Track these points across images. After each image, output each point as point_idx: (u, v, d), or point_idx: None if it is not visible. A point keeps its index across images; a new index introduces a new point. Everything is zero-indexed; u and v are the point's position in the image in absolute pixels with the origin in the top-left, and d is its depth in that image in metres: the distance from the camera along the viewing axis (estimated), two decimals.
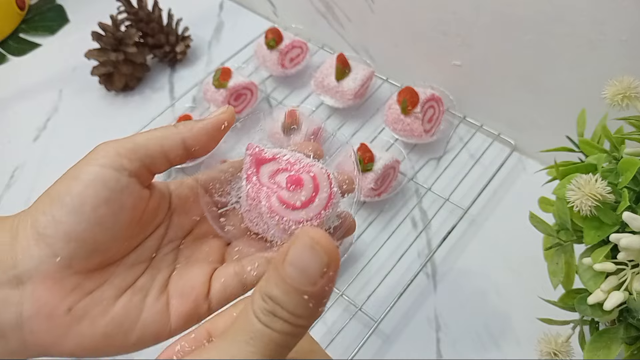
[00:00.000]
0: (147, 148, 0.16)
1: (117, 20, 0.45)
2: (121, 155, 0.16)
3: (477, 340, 0.31)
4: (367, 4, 0.41)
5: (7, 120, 0.47)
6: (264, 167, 0.18)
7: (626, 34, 0.28)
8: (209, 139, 0.17)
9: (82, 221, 0.15)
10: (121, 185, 0.16)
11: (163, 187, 0.18)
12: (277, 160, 0.18)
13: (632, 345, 0.21)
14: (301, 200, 0.17)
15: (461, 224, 0.36)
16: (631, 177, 0.20)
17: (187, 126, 0.17)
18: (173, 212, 0.18)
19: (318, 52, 0.48)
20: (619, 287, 0.19)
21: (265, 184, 0.18)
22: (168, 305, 0.17)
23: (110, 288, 0.16)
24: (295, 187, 0.17)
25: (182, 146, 0.17)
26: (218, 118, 0.17)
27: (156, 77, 0.49)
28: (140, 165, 0.16)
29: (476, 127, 0.41)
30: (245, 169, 0.18)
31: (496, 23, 0.34)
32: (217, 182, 0.19)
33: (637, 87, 0.22)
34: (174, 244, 0.18)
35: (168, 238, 0.18)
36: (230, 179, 0.19)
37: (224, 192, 0.19)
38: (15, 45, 0.54)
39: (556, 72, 0.33)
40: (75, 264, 0.15)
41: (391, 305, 0.31)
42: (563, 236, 0.23)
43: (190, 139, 0.17)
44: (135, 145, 0.16)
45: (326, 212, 0.17)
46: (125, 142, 0.16)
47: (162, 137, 0.17)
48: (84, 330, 0.15)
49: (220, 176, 0.19)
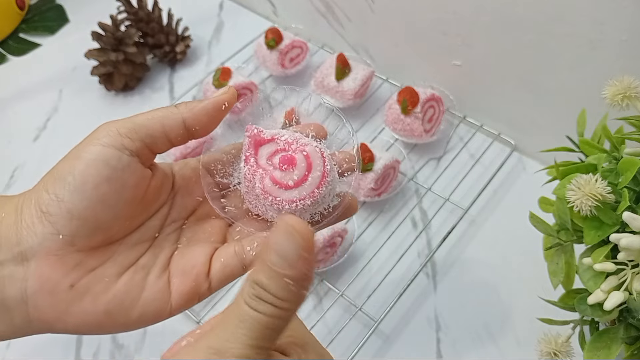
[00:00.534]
0: (148, 128, 0.17)
1: (117, 20, 0.45)
2: (122, 135, 0.16)
3: (477, 340, 0.31)
4: (367, 3, 0.41)
5: (7, 120, 0.47)
6: (263, 148, 0.18)
7: (626, 34, 0.28)
8: (210, 119, 0.17)
9: (84, 199, 0.15)
10: (123, 163, 0.16)
11: (166, 167, 0.19)
12: (275, 141, 0.18)
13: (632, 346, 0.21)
14: (294, 179, 0.17)
15: (461, 224, 0.36)
16: (631, 177, 0.20)
17: (188, 106, 0.17)
18: (176, 192, 0.19)
19: (318, 52, 0.48)
20: (619, 287, 0.19)
21: (262, 165, 0.18)
22: (169, 283, 0.17)
23: (113, 266, 0.16)
24: (287, 166, 0.17)
25: (183, 126, 0.17)
26: (219, 98, 0.17)
27: (156, 77, 0.49)
28: (142, 145, 0.16)
29: (476, 127, 0.41)
30: (244, 150, 0.18)
31: (496, 23, 0.34)
32: (220, 163, 0.19)
33: (637, 87, 0.22)
34: (177, 224, 0.18)
35: (171, 218, 0.18)
36: (232, 161, 0.19)
37: (226, 174, 0.19)
38: (15, 45, 0.54)
39: (556, 72, 0.33)
40: (78, 242, 0.16)
41: (391, 305, 0.31)
42: (563, 236, 0.23)
43: (191, 119, 0.17)
44: (136, 125, 0.16)
45: (319, 190, 0.17)
46: (126, 122, 0.16)
47: (162, 117, 0.17)
48: (86, 306, 0.16)
49: (222, 157, 0.19)
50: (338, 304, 0.33)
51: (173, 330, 0.32)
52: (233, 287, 0.35)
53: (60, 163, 0.16)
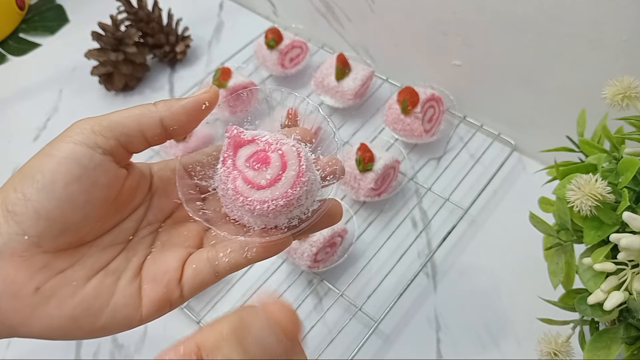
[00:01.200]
0: (124, 126, 0.16)
1: (117, 20, 0.45)
2: (96, 133, 0.15)
3: (477, 340, 0.31)
4: (367, 3, 0.41)
5: (7, 120, 0.47)
6: (243, 149, 0.17)
7: (626, 34, 0.28)
8: (188, 119, 0.17)
9: (52, 199, 0.15)
10: (94, 162, 0.15)
11: (145, 167, 0.18)
12: (255, 142, 0.17)
13: (632, 345, 0.21)
14: (266, 178, 0.16)
15: (461, 224, 0.36)
16: (631, 177, 0.20)
17: (167, 105, 0.16)
18: (154, 193, 0.18)
19: (318, 52, 0.48)
20: (619, 287, 0.19)
21: (239, 167, 0.17)
22: (140, 289, 0.16)
23: (82, 269, 0.16)
24: (261, 165, 0.16)
25: (160, 125, 0.16)
26: (199, 97, 0.17)
27: (156, 77, 0.49)
28: (116, 144, 0.16)
29: (476, 127, 0.41)
30: (223, 151, 0.17)
31: (496, 23, 0.34)
32: (199, 165, 0.18)
33: (637, 87, 0.22)
34: (153, 226, 0.18)
35: (147, 220, 0.18)
36: (213, 163, 0.18)
37: (206, 176, 0.18)
38: (15, 45, 0.54)
39: (556, 72, 0.33)
40: (45, 243, 0.15)
41: (391, 306, 0.31)
42: (563, 236, 0.23)
43: (169, 118, 0.16)
44: (111, 123, 0.16)
45: (294, 190, 0.16)
46: (101, 120, 0.16)
47: (139, 115, 0.16)
48: (52, 310, 0.15)
49: (202, 159, 0.18)
50: (338, 304, 0.33)
51: (173, 330, 0.32)
52: (233, 287, 0.35)
53: (31, 160, 0.15)
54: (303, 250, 0.32)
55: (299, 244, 0.32)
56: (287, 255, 0.34)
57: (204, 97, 0.17)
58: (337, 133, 0.19)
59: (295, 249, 0.33)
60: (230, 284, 0.34)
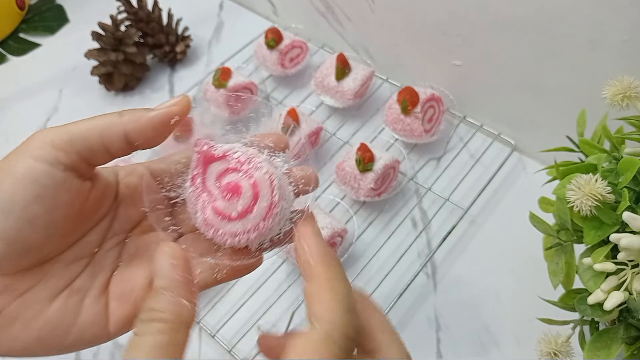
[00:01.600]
0: (86, 140, 0.15)
1: (117, 20, 0.45)
2: (57, 148, 0.14)
3: (477, 340, 0.31)
4: (367, 3, 0.41)
5: (7, 120, 0.47)
6: (213, 165, 0.16)
7: (626, 33, 0.28)
8: (155, 134, 0.15)
9: (11, 220, 0.14)
10: (55, 181, 0.14)
11: (110, 175, 0.17)
12: (226, 159, 0.16)
13: (632, 345, 0.21)
14: (237, 210, 0.15)
15: (461, 224, 0.36)
16: (631, 177, 0.20)
17: (134, 117, 0.15)
18: (120, 202, 0.17)
19: (318, 52, 0.48)
20: (619, 287, 0.19)
21: (208, 187, 0.16)
22: (107, 307, 0.16)
23: (45, 289, 0.15)
24: (232, 195, 0.15)
25: (124, 139, 0.15)
26: (168, 111, 0.15)
27: (156, 77, 0.49)
28: (78, 158, 0.15)
29: (476, 127, 0.41)
30: (192, 168, 0.16)
31: (496, 23, 0.34)
32: (167, 175, 0.17)
33: (637, 87, 0.22)
34: (119, 237, 0.17)
35: (113, 231, 0.17)
36: (182, 171, 0.17)
37: (174, 186, 0.17)
38: (15, 45, 0.54)
39: (556, 72, 0.33)
40: (4, 265, 0.14)
41: (391, 305, 0.31)
42: (563, 236, 0.23)
43: (134, 132, 0.15)
44: (73, 137, 0.15)
45: (266, 222, 0.15)
46: (62, 133, 0.15)
47: (103, 128, 0.15)
48: (16, 333, 0.15)
49: (170, 169, 0.17)
50: None
51: None
52: (233, 287, 0.35)
53: None
54: None
55: None
56: (287, 255, 0.34)
57: (174, 111, 0.16)
58: (306, 141, 0.18)
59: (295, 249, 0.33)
60: (230, 284, 0.34)
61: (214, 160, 0.16)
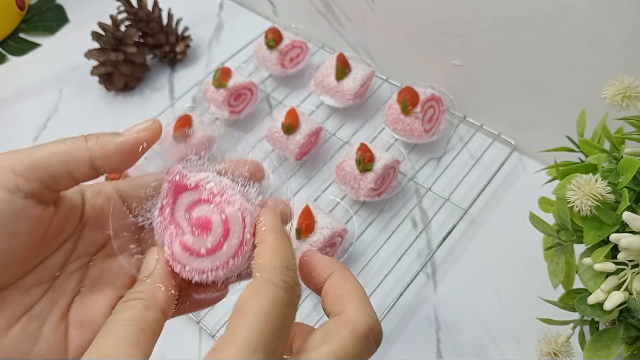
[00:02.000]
0: (49, 166, 0.14)
1: (116, 20, 0.45)
2: (17, 174, 0.14)
3: (477, 340, 0.31)
4: (367, 3, 0.41)
5: (7, 120, 0.47)
6: (183, 195, 0.15)
7: (626, 33, 0.28)
8: (122, 160, 0.15)
9: None
10: (14, 208, 0.14)
11: (76, 196, 0.16)
12: (199, 189, 0.15)
13: (632, 345, 0.21)
14: (206, 246, 0.15)
15: (461, 224, 0.36)
16: (631, 177, 0.20)
17: (100, 143, 0.15)
18: (85, 224, 0.16)
19: (318, 52, 0.48)
20: (619, 287, 0.19)
21: (177, 219, 0.15)
22: (67, 334, 0.15)
23: (2, 316, 0.15)
24: (201, 231, 0.15)
25: (90, 166, 0.15)
26: (137, 137, 0.15)
27: (156, 77, 0.49)
28: (40, 186, 0.14)
29: (476, 127, 0.41)
30: (162, 197, 0.16)
31: (496, 23, 0.34)
32: (136, 200, 0.17)
33: (637, 87, 0.22)
34: (83, 260, 0.16)
35: (76, 254, 0.16)
36: (152, 195, 0.17)
37: (143, 210, 0.17)
38: (15, 45, 0.54)
39: (556, 72, 0.33)
40: None
41: (391, 305, 0.31)
42: (563, 236, 0.23)
43: (100, 159, 0.15)
44: (35, 163, 0.14)
45: (235, 260, 0.15)
46: (24, 158, 0.14)
47: (67, 154, 0.15)
48: None
49: (140, 192, 0.17)
50: None
51: (174, 330, 0.32)
52: None
53: None
54: (303, 250, 0.32)
55: (299, 244, 0.32)
56: None
57: (142, 137, 0.15)
58: (282, 173, 0.17)
59: (295, 249, 0.33)
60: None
61: (186, 190, 0.16)
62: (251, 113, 0.43)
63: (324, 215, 0.34)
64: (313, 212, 0.33)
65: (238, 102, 0.43)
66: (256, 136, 0.42)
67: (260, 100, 0.44)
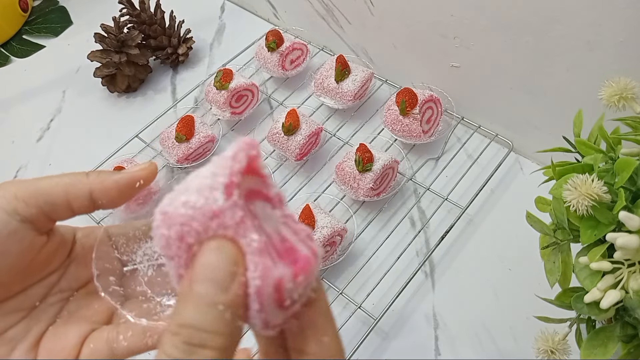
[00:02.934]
0: (49, 195, 0.15)
1: (119, 22, 0.45)
2: (18, 199, 0.15)
3: (475, 338, 0.31)
4: (366, 6, 0.41)
5: (11, 121, 0.48)
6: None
7: (623, 35, 0.28)
8: (119, 195, 0.16)
9: None
10: (9, 229, 0.15)
11: (68, 232, 0.17)
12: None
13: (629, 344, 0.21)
14: (293, 298, 0.11)
15: (459, 223, 0.36)
16: (627, 177, 0.20)
17: (100, 177, 0.16)
18: (72, 261, 0.17)
19: (318, 53, 0.48)
20: (615, 286, 0.20)
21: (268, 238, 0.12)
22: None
23: None
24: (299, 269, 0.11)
25: (89, 198, 0.16)
26: (134, 175, 0.16)
27: (158, 78, 0.50)
28: (38, 212, 0.15)
29: (474, 128, 0.41)
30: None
31: (494, 25, 0.34)
32: (124, 237, 0.18)
33: (633, 88, 0.22)
34: (64, 294, 0.17)
35: (59, 287, 0.17)
36: (139, 237, 0.17)
37: (128, 250, 0.17)
38: (19, 46, 0.55)
39: (553, 73, 0.33)
40: None
41: (390, 304, 0.32)
42: (560, 235, 0.23)
43: (99, 192, 0.16)
44: (37, 190, 0.15)
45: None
46: (28, 185, 0.15)
47: (68, 185, 0.15)
48: None
49: (129, 233, 0.18)
50: (338, 302, 0.33)
51: None
52: None
53: None
54: None
55: None
56: None
57: (140, 175, 0.16)
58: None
59: None
60: None
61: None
62: (252, 114, 0.44)
63: (323, 214, 0.34)
64: (313, 211, 0.33)
65: (239, 104, 0.43)
66: (257, 137, 0.42)
67: (261, 102, 0.45)
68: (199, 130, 0.41)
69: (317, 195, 0.38)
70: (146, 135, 0.43)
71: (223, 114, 0.43)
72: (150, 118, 0.44)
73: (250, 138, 0.11)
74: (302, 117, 0.40)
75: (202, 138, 0.40)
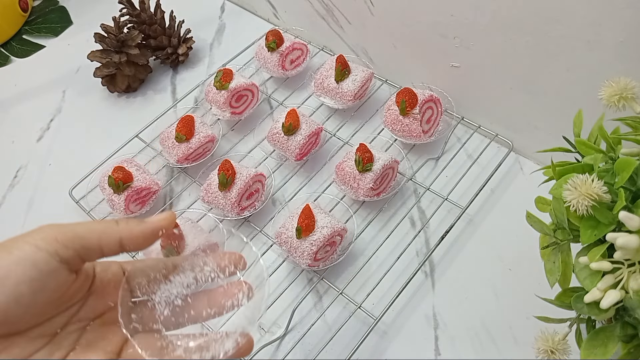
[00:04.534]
0: (85, 240, 0.17)
1: (119, 22, 0.45)
2: (58, 241, 0.17)
3: (475, 338, 0.32)
4: (366, 6, 0.41)
5: (11, 121, 0.48)
6: None
7: (623, 35, 0.28)
8: (145, 241, 0.19)
9: (0, 294, 0.16)
10: (49, 268, 0.17)
11: (89, 268, 0.19)
12: None
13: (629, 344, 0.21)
14: None
15: (459, 223, 0.36)
16: (627, 177, 0.20)
17: (128, 226, 0.18)
18: (91, 293, 0.19)
19: (318, 53, 0.48)
20: (615, 286, 0.20)
21: None
22: None
23: (6, 356, 0.17)
24: None
25: (118, 244, 0.18)
26: (158, 224, 0.19)
27: (158, 78, 0.50)
28: (74, 254, 0.17)
29: (474, 128, 0.41)
30: None
31: (494, 25, 0.34)
32: (146, 280, 0.20)
33: (633, 88, 0.22)
34: (82, 323, 0.19)
35: (78, 317, 0.19)
36: (160, 279, 0.20)
37: (150, 291, 0.20)
38: (19, 46, 0.55)
39: (553, 73, 0.33)
40: None
41: (390, 304, 0.32)
42: (559, 235, 0.23)
43: (127, 239, 0.18)
44: (75, 235, 0.17)
45: None
46: (66, 230, 0.17)
47: (101, 232, 0.18)
48: None
49: (150, 275, 0.20)
50: (338, 302, 0.33)
51: None
52: None
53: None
54: (303, 249, 0.33)
55: (299, 243, 0.33)
56: (287, 254, 0.34)
57: (163, 225, 0.19)
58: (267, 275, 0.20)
59: (295, 248, 0.33)
60: None
61: None
62: (252, 114, 0.44)
63: (324, 214, 0.34)
64: (313, 211, 0.33)
65: (239, 104, 0.43)
66: (257, 137, 0.42)
67: (261, 102, 0.45)
68: (199, 130, 0.41)
69: (317, 195, 0.38)
70: (146, 135, 0.43)
71: (223, 114, 0.43)
72: (150, 118, 0.44)
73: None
74: (302, 117, 0.40)
75: (202, 138, 0.40)
